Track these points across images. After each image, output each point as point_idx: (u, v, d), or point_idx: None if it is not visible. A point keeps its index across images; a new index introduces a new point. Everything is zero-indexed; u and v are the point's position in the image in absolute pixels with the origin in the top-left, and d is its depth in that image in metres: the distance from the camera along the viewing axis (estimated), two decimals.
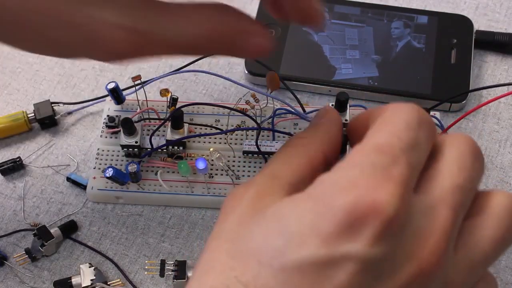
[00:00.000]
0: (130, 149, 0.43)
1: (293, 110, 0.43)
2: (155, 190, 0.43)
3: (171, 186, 0.43)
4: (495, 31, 0.50)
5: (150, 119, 0.45)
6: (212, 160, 0.42)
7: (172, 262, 0.40)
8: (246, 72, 0.49)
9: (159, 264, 0.41)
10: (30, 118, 0.47)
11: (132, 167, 0.41)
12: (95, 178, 0.43)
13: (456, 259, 0.26)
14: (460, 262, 0.27)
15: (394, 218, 0.24)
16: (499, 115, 0.47)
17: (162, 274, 0.40)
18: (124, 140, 0.42)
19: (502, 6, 0.53)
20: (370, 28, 0.50)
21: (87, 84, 0.50)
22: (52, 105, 0.47)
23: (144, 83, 0.45)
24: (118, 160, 0.44)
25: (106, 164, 0.44)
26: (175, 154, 0.44)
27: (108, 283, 0.40)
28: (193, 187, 0.43)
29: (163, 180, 0.42)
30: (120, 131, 0.43)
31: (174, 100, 0.44)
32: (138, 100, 0.45)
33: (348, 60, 0.49)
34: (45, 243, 0.41)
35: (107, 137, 0.45)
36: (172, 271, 0.40)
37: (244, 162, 0.44)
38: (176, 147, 0.43)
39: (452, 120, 0.45)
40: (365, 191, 0.24)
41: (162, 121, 0.43)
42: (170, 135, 0.42)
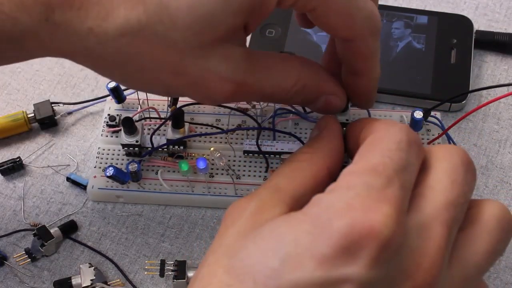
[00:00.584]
0: (130, 148, 0.43)
1: (293, 110, 0.43)
2: (155, 189, 0.43)
3: (172, 186, 0.43)
4: (495, 31, 0.50)
5: (150, 118, 0.45)
6: (213, 159, 0.41)
7: (172, 262, 0.40)
8: None
9: (159, 264, 0.41)
10: (30, 118, 0.47)
11: (133, 166, 0.41)
12: (95, 177, 0.43)
13: (450, 273, 0.27)
14: (455, 276, 0.27)
15: (391, 241, 0.24)
16: (499, 115, 0.47)
17: (162, 274, 0.40)
18: (124, 139, 0.42)
19: (502, 6, 0.53)
20: None
21: (87, 84, 0.50)
22: (52, 105, 0.47)
23: None
24: (118, 159, 0.44)
25: (107, 163, 0.44)
26: (175, 154, 0.44)
27: (108, 283, 0.40)
28: (193, 187, 0.43)
29: (163, 180, 0.42)
30: (121, 130, 0.42)
31: (175, 100, 0.44)
32: (139, 99, 0.45)
33: None
34: (45, 243, 0.41)
35: (107, 136, 0.45)
36: (172, 271, 0.40)
37: (245, 161, 0.44)
38: (176, 147, 0.43)
39: (452, 120, 0.45)
40: (361, 214, 0.24)
41: (163, 120, 0.43)
42: (171, 135, 0.42)
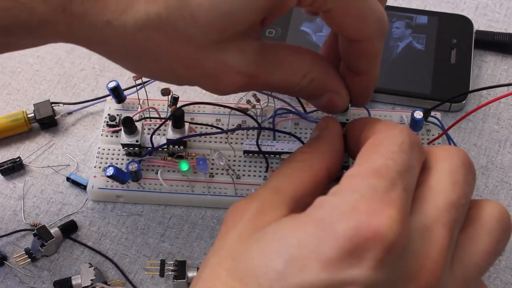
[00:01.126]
0: (130, 148, 0.43)
1: (293, 110, 0.43)
2: (155, 189, 0.43)
3: (172, 185, 0.43)
4: (495, 31, 0.50)
5: (151, 118, 0.45)
6: (213, 159, 0.41)
7: (172, 262, 0.40)
8: None
9: (159, 264, 0.41)
10: (30, 118, 0.47)
11: (133, 166, 0.41)
12: (95, 176, 0.43)
13: (452, 273, 0.27)
14: (456, 276, 0.27)
15: (396, 243, 0.24)
16: (499, 115, 0.47)
17: (162, 274, 0.40)
18: (125, 139, 0.42)
19: (502, 6, 0.53)
20: None
21: (87, 84, 0.50)
22: (52, 105, 0.47)
23: (145, 83, 0.45)
24: (118, 159, 0.44)
25: (107, 163, 0.44)
26: (175, 153, 0.44)
27: (108, 283, 0.40)
28: (193, 187, 0.43)
29: (163, 179, 0.42)
30: (121, 130, 0.43)
31: (175, 99, 0.44)
32: (139, 99, 0.45)
33: None
34: (45, 243, 0.41)
35: (107, 136, 0.45)
36: (172, 271, 0.40)
37: (245, 161, 0.44)
38: (176, 146, 0.43)
39: (452, 120, 0.45)
40: (366, 216, 0.24)
41: (163, 120, 0.43)
42: (171, 134, 0.42)
